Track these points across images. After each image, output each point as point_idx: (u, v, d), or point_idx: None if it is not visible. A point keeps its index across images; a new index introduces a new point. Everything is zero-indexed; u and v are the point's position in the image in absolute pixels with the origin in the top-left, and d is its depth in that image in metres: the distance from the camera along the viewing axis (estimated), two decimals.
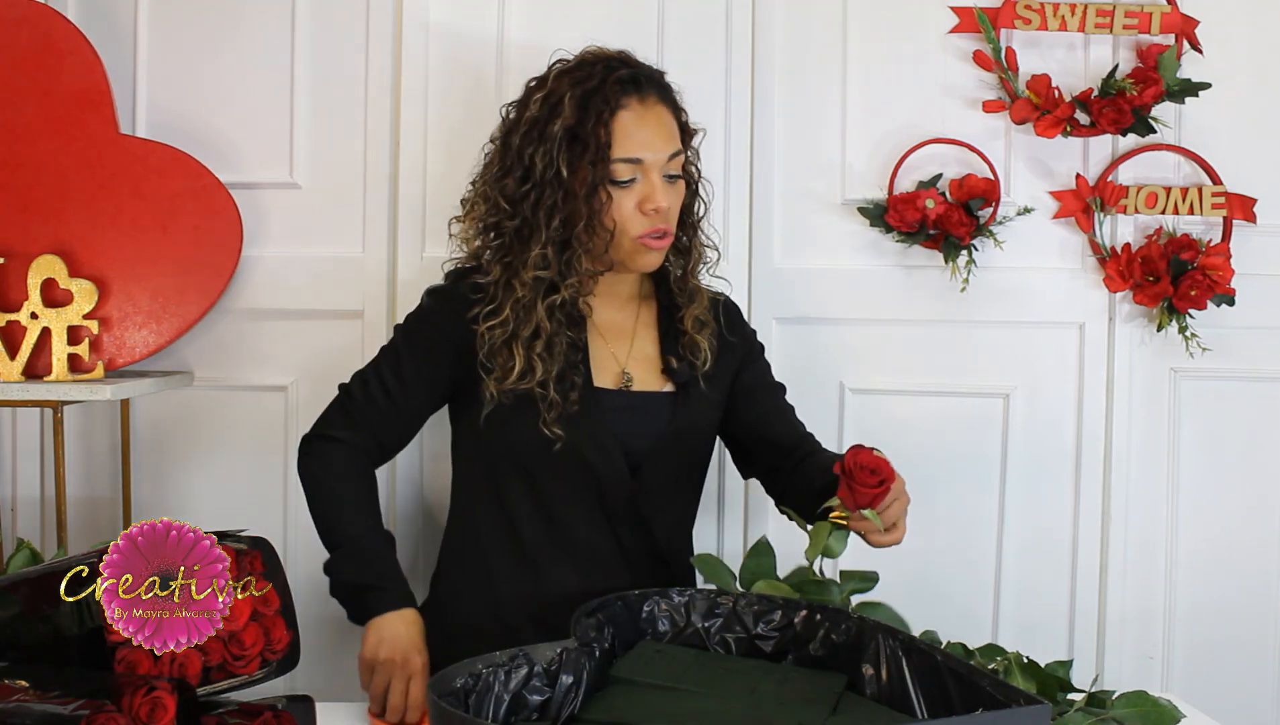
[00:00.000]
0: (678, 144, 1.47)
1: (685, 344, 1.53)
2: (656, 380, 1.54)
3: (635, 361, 1.53)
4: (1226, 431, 1.96)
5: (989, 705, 1.03)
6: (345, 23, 1.90)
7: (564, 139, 1.41)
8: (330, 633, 1.91)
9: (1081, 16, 1.87)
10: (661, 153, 1.44)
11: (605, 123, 1.40)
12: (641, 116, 1.43)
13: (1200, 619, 1.97)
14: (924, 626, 1.29)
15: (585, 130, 1.40)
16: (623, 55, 1.48)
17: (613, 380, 1.51)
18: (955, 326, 1.94)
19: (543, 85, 1.46)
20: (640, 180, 1.43)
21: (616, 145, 1.41)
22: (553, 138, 1.41)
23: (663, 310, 1.57)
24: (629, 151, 1.42)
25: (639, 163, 1.42)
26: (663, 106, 1.46)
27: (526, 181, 1.43)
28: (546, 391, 1.43)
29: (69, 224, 1.81)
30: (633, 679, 1.20)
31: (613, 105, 1.41)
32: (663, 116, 1.45)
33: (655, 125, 1.44)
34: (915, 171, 1.91)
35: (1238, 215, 1.91)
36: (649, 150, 1.43)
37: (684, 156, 1.49)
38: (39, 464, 1.95)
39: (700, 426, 1.55)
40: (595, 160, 1.40)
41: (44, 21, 1.81)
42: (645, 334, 1.56)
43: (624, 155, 1.41)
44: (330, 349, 1.91)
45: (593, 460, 1.46)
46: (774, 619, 1.31)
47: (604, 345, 1.53)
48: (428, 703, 1.00)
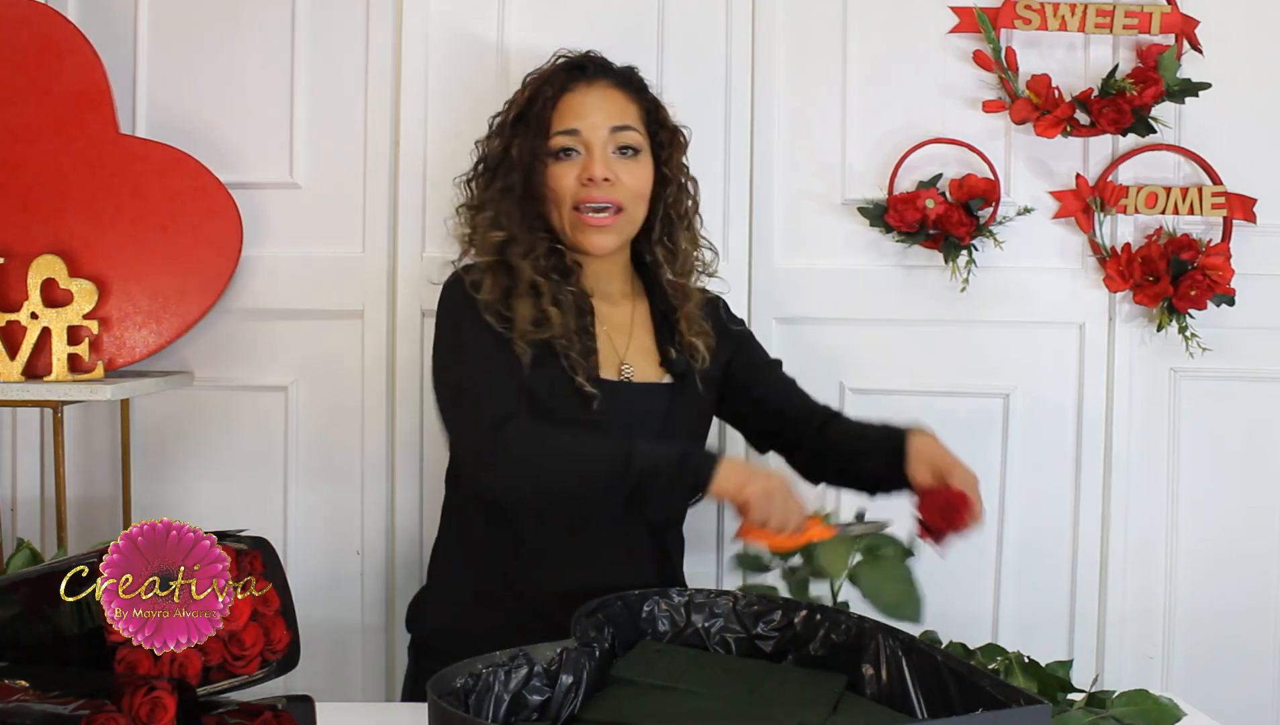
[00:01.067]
0: (627, 119, 1.48)
1: (679, 343, 1.54)
2: (654, 372, 1.54)
3: (634, 354, 1.54)
4: (1226, 431, 1.96)
5: (989, 705, 1.03)
6: (345, 23, 1.90)
7: (513, 123, 1.48)
8: (330, 633, 1.91)
9: (1081, 16, 1.87)
10: (602, 124, 1.46)
11: (550, 102, 1.45)
12: (585, 94, 1.47)
13: (1200, 619, 1.97)
14: (924, 626, 1.29)
15: (531, 112, 1.46)
16: (589, 52, 1.52)
17: (613, 371, 1.51)
18: (955, 326, 1.94)
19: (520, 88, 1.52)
20: (582, 153, 1.46)
21: (556, 120, 1.45)
22: (506, 126, 1.49)
23: (656, 309, 1.57)
24: (567, 124, 1.45)
25: (576, 134, 1.45)
26: (615, 89, 1.49)
27: (484, 167, 1.51)
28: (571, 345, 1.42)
29: (69, 224, 1.81)
30: (633, 679, 1.20)
31: (557, 88, 1.46)
32: (610, 95, 1.48)
33: (599, 100, 1.47)
34: (915, 171, 1.91)
35: (1238, 215, 1.91)
36: (586, 120, 1.45)
37: (638, 136, 1.49)
38: (39, 464, 1.95)
39: (694, 417, 1.56)
40: (535, 135, 1.45)
41: (44, 21, 1.81)
42: (641, 328, 1.57)
43: (562, 127, 1.45)
44: (330, 349, 1.92)
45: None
46: (774, 619, 1.31)
47: (606, 338, 1.53)
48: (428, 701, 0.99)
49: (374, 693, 1.91)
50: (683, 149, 1.56)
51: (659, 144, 1.52)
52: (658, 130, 1.52)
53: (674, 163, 1.53)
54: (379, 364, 1.90)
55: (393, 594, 1.93)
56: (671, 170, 1.53)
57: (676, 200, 1.55)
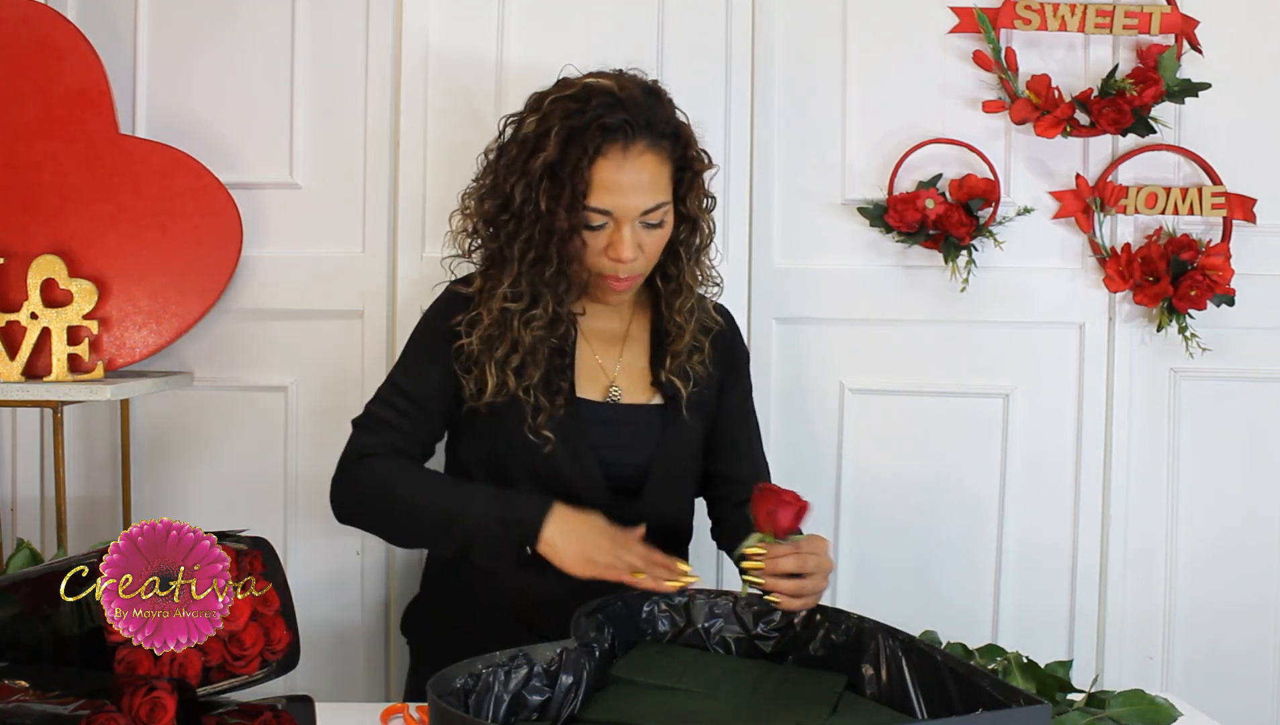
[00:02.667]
0: (659, 197, 1.40)
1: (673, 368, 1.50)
2: (645, 392, 1.52)
3: (624, 373, 1.51)
4: (1226, 431, 1.96)
5: (989, 705, 1.03)
6: (345, 22, 1.90)
7: (544, 175, 1.37)
8: (330, 633, 1.91)
9: (1081, 16, 1.87)
10: (635, 207, 1.38)
11: (584, 169, 1.36)
12: (620, 167, 1.37)
13: (1200, 619, 1.97)
14: (924, 626, 1.29)
15: (564, 172, 1.36)
16: (621, 85, 1.39)
17: (599, 392, 1.49)
18: (955, 326, 1.94)
19: (538, 107, 1.41)
20: (610, 226, 1.39)
21: (592, 194, 1.37)
22: (533, 172, 1.37)
23: (657, 324, 1.54)
24: (602, 203, 1.37)
25: (609, 214, 1.39)
26: (650, 154, 1.38)
27: (505, 211, 1.41)
28: (530, 397, 1.42)
29: (69, 224, 1.81)
30: (633, 679, 1.20)
31: (592, 152, 1.35)
32: (646, 166, 1.38)
33: (634, 178, 1.37)
34: (915, 172, 1.91)
35: (1237, 215, 1.91)
36: (621, 202, 1.37)
37: (666, 207, 1.42)
38: (39, 464, 1.95)
39: (690, 438, 1.53)
40: (571, 206, 1.36)
41: (44, 21, 1.81)
42: (636, 343, 1.54)
43: (597, 206, 1.37)
44: (330, 349, 1.92)
45: (570, 474, 1.44)
46: (774, 619, 1.31)
47: (591, 354, 1.51)
48: (428, 701, 0.99)
49: (374, 693, 1.91)
50: (701, 185, 1.48)
51: (680, 182, 1.45)
52: (682, 176, 1.45)
53: (690, 201, 1.46)
54: (379, 364, 1.89)
55: (392, 594, 1.93)
56: (688, 208, 1.47)
57: (687, 239, 1.49)
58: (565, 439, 1.44)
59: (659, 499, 1.49)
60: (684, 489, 1.57)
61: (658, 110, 1.40)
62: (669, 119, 1.42)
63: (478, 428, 1.46)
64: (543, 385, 1.43)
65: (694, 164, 1.46)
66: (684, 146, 1.44)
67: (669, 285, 1.50)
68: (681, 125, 1.44)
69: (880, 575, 1.96)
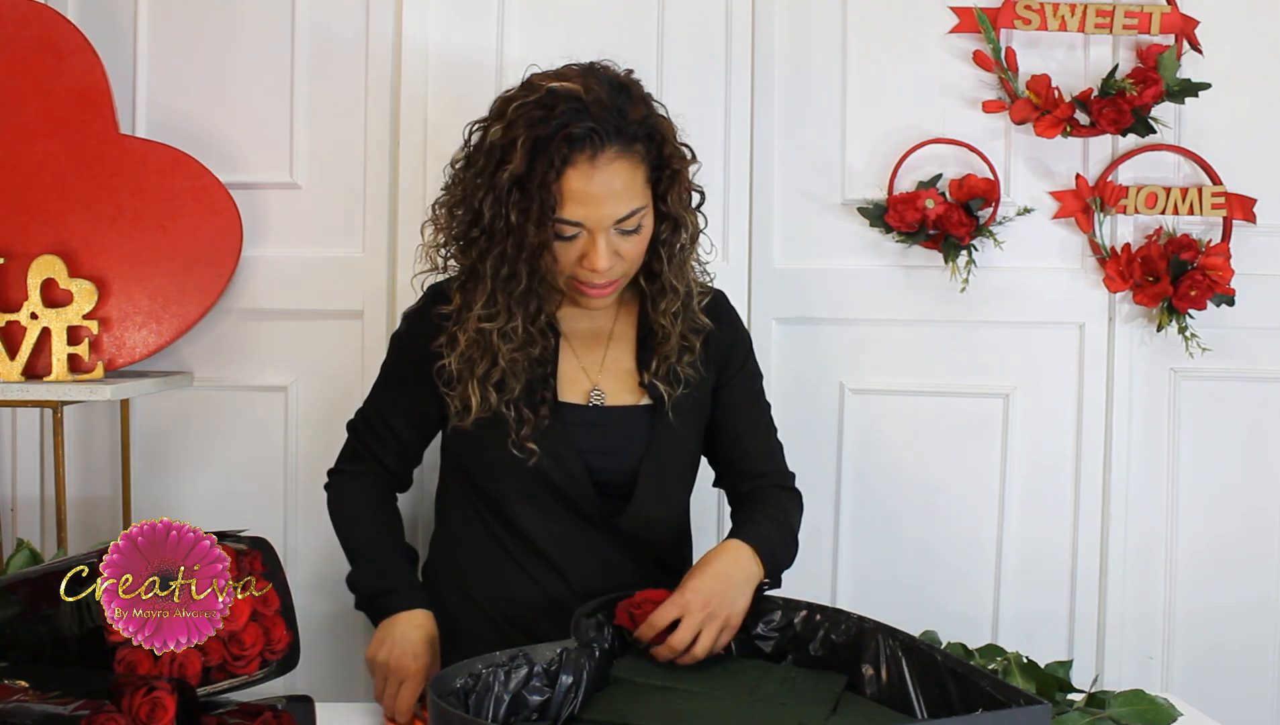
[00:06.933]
0: (633, 203, 1.33)
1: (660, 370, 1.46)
2: (631, 393, 1.47)
3: (608, 374, 1.48)
4: (1226, 432, 1.96)
5: (989, 705, 1.03)
6: (345, 22, 1.90)
7: (511, 187, 1.31)
8: (330, 633, 1.91)
9: (1081, 16, 1.87)
10: (608, 217, 1.32)
11: (551, 182, 1.30)
12: (589, 177, 1.30)
13: (1200, 619, 1.97)
14: (924, 626, 1.29)
15: (532, 185, 1.30)
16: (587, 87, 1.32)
17: (581, 395, 1.46)
18: (955, 326, 1.94)
19: (502, 114, 1.34)
20: (583, 236, 1.34)
21: (562, 206, 1.31)
22: (501, 186, 1.32)
23: (644, 315, 1.48)
24: (573, 215, 1.32)
25: (580, 225, 1.33)
26: (621, 161, 1.32)
27: (476, 226, 1.36)
28: (512, 412, 1.40)
29: (69, 224, 1.81)
30: (633, 679, 1.20)
31: (559, 164, 1.29)
32: (617, 173, 1.31)
33: (605, 187, 1.31)
34: (915, 171, 1.91)
35: (1237, 215, 1.91)
36: (592, 213, 1.32)
37: (643, 211, 1.35)
38: (39, 464, 1.95)
39: (681, 436, 1.48)
40: (540, 220, 1.31)
41: (44, 21, 1.81)
42: (621, 342, 1.50)
43: (568, 218, 1.32)
44: (330, 349, 1.92)
45: (556, 479, 1.42)
46: (774, 619, 1.31)
47: (573, 357, 1.47)
48: (428, 703, 0.99)
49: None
50: (684, 181, 1.41)
51: (658, 180, 1.38)
52: (660, 174, 1.38)
53: (671, 199, 1.39)
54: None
55: None
56: (668, 206, 1.39)
57: (669, 239, 1.42)
58: (549, 446, 1.41)
59: (651, 501, 1.46)
60: (677, 491, 1.54)
61: (627, 111, 1.33)
62: (641, 119, 1.34)
63: (467, 440, 1.45)
64: (525, 397, 1.41)
65: (672, 161, 1.38)
66: (660, 145, 1.36)
67: (653, 285, 1.45)
68: (657, 122, 1.37)
69: (880, 575, 1.96)
